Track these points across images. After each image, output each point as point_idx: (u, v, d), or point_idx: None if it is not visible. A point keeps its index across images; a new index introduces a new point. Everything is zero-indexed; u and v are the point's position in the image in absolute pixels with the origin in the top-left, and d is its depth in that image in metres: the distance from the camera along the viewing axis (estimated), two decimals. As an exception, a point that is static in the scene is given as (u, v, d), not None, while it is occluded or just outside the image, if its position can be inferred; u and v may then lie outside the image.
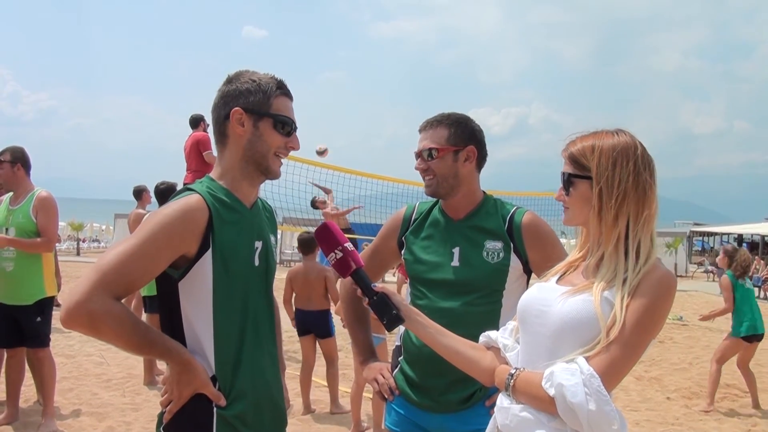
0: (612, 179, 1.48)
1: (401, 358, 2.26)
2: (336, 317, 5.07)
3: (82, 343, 7.32)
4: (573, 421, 1.35)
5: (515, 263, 2.13)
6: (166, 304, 1.70)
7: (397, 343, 2.32)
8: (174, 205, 1.63)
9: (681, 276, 24.60)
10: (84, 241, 29.70)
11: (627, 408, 5.87)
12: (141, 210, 7.14)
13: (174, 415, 1.65)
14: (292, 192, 10.76)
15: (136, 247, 1.55)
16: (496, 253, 2.14)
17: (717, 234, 37.54)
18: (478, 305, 2.12)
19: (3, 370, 4.80)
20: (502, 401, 1.51)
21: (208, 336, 1.66)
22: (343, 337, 5.79)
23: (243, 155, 1.74)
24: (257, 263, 1.77)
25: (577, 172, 1.53)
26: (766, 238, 31.23)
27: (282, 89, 1.77)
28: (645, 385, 6.87)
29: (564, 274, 1.60)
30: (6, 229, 4.39)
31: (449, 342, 1.67)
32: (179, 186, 4.74)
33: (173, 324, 1.68)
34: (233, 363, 1.69)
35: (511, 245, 2.14)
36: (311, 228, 9.34)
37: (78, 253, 25.28)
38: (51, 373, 4.56)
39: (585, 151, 1.52)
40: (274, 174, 1.79)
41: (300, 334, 5.52)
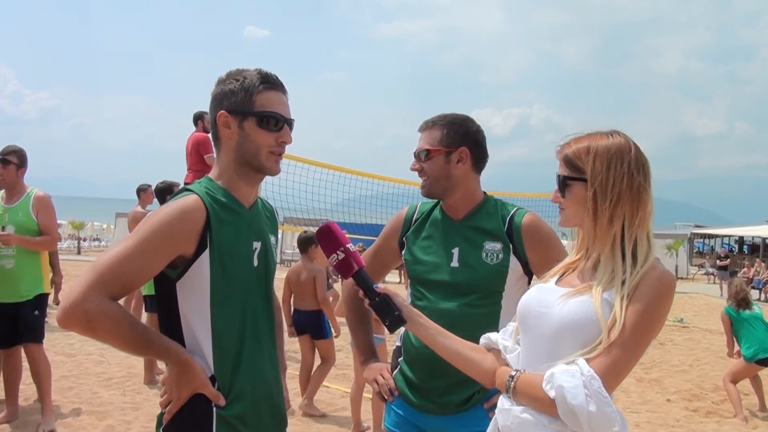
0: (606, 181, 1.48)
1: (401, 359, 2.26)
2: (339, 319, 5.07)
3: (82, 342, 7.30)
4: (574, 423, 1.35)
5: (515, 264, 2.12)
6: (164, 304, 1.70)
7: (397, 344, 2.31)
8: (171, 206, 1.63)
9: (681, 278, 24.60)
10: (85, 240, 29.78)
11: (627, 410, 5.86)
12: (140, 209, 7.13)
13: (174, 416, 1.64)
14: (292, 192, 10.77)
15: (133, 247, 1.55)
16: (495, 255, 2.12)
17: (718, 236, 37.54)
18: (477, 306, 2.10)
19: (1, 369, 4.81)
20: (502, 403, 1.51)
21: (206, 336, 1.65)
22: (343, 337, 5.78)
23: (235, 157, 1.73)
24: (256, 263, 1.77)
25: (572, 174, 1.53)
26: (766, 240, 31.21)
27: (267, 83, 1.73)
28: (645, 387, 6.87)
29: (563, 275, 1.60)
30: (3, 227, 4.41)
31: (450, 344, 1.67)
32: (180, 185, 4.75)
33: (171, 324, 1.67)
34: (232, 363, 1.68)
35: (511, 246, 2.12)
36: (311, 228, 9.34)
37: (79, 252, 25.43)
38: (47, 371, 4.58)
39: (580, 153, 1.52)
40: (270, 171, 1.76)
41: (297, 333, 5.54)
